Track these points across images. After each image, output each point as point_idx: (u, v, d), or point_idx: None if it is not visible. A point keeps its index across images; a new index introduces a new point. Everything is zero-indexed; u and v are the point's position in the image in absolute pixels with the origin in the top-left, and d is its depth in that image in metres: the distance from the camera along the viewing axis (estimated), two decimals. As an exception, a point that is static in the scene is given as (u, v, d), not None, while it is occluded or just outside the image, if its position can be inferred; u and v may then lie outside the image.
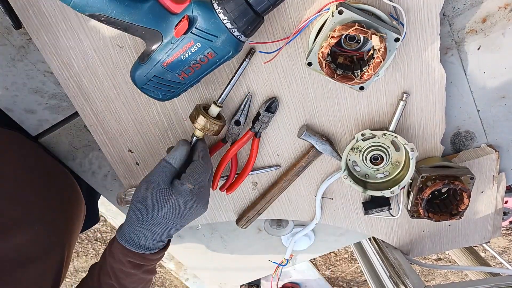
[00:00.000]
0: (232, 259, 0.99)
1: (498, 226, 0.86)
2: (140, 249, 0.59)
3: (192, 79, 0.56)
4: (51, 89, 0.69)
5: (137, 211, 0.58)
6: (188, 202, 0.58)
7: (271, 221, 0.89)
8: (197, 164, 0.59)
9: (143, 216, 0.58)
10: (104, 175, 0.80)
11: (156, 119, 0.69)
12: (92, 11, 0.48)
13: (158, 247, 0.62)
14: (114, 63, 0.63)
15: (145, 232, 0.58)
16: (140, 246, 0.59)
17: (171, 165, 0.59)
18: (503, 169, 0.78)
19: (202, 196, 0.60)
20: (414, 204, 0.72)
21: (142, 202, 0.58)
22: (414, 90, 0.66)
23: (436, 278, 2.57)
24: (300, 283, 2.37)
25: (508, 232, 2.24)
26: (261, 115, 0.67)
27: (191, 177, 0.58)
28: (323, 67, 0.57)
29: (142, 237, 0.59)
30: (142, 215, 0.58)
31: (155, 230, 0.59)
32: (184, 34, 0.50)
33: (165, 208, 0.57)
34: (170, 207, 0.58)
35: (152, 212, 0.58)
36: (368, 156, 0.70)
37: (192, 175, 0.58)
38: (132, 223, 0.59)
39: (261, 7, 0.50)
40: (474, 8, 0.62)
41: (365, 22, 0.53)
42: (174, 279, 2.55)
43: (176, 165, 0.59)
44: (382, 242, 0.92)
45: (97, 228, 2.35)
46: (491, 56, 0.66)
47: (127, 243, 0.59)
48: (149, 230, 0.58)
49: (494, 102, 0.71)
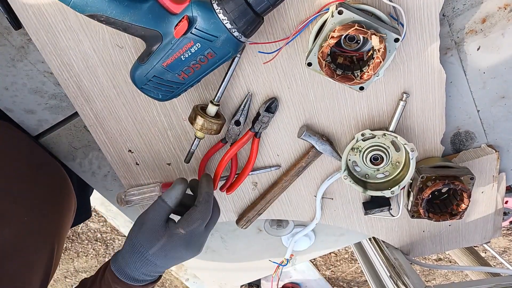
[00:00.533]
0: (232, 259, 0.99)
1: (498, 226, 0.86)
2: (129, 280, 0.61)
3: (192, 79, 0.56)
4: (51, 89, 0.69)
5: (130, 245, 0.60)
6: (177, 247, 0.59)
7: (271, 221, 0.89)
8: (195, 211, 0.59)
9: (134, 251, 0.59)
10: (104, 175, 0.80)
11: (156, 119, 0.69)
12: (92, 11, 0.48)
13: (147, 280, 0.63)
14: (114, 63, 0.63)
15: (135, 266, 0.60)
16: (130, 277, 0.61)
17: (166, 203, 0.59)
18: (503, 169, 0.78)
19: (193, 242, 0.61)
20: (414, 204, 0.72)
21: (135, 238, 0.60)
22: (414, 90, 0.66)
23: (436, 278, 2.57)
24: (300, 283, 2.37)
25: (509, 232, 2.24)
26: (261, 115, 0.67)
27: (185, 223, 0.59)
28: (323, 68, 0.57)
29: (132, 270, 0.60)
30: (133, 250, 0.60)
31: (144, 266, 0.60)
32: (184, 34, 0.50)
33: (155, 248, 0.59)
34: (159, 247, 0.59)
35: (143, 249, 0.59)
36: (368, 156, 0.70)
37: (187, 220, 0.59)
38: (125, 254, 0.60)
39: (260, 7, 0.50)
40: (473, 8, 0.62)
41: (365, 23, 0.53)
42: (174, 279, 2.55)
43: (171, 204, 0.60)
44: (382, 242, 0.92)
45: (97, 229, 2.35)
46: (491, 56, 0.66)
47: (118, 272, 0.61)
48: (139, 264, 0.60)
49: (494, 102, 0.71)
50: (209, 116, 0.63)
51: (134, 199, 0.74)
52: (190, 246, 0.61)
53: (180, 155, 0.73)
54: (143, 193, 0.74)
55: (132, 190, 0.75)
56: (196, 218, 0.59)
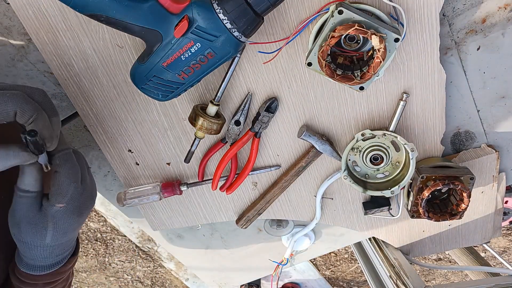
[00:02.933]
0: (232, 259, 0.99)
1: (498, 226, 0.86)
2: (45, 269, 0.54)
3: (192, 79, 0.56)
4: (51, 89, 0.69)
5: (23, 245, 0.52)
6: (68, 219, 0.51)
7: (271, 221, 0.89)
8: (60, 176, 0.49)
9: (31, 248, 0.52)
10: (104, 175, 0.80)
11: (156, 119, 0.69)
12: (92, 11, 0.48)
13: (66, 256, 0.56)
14: (114, 63, 0.63)
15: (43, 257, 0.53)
16: (43, 267, 0.54)
17: (28, 192, 0.49)
18: (503, 169, 0.78)
19: (81, 204, 0.52)
20: (414, 204, 0.72)
21: (21, 239, 0.51)
22: (414, 90, 0.66)
23: (436, 278, 2.57)
24: (300, 283, 2.37)
25: (508, 232, 2.24)
26: (261, 115, 0.67)
27: (58, 197, 0.49)
28: (323, 67, 0.57)
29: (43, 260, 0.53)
30: (30, 247, 0.52)
31: (52, 252, 0.53)
32: (184, 34, 0.50)
33: (48, 237, 0.51)
34: (52, 234, 0.51)
35: (39, 244, 0.51)
36: (368, 156, 0.70)
37: (58, 192, 0.49)
38: (24, 253, 0.53)
39: (260, 7, 0.50)
40: (474, 8, 0.62)
41: (365, 22, 0.53)
42: (174, 279, 2.55)
43: (34, 189, 0.49)
44: (382, 242, 0.92)
45: (97, 228, 2.35)
46: (491, 56, 0.66)
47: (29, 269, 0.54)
48: (47, 254, 0.53)
49: (494, 102, 0.71)
50: (209, 116, 0.63)
51: (134, 199, 0.74)
52: (81, 211, 0.52)
53: (180, 155, 0.73)
54: (143, 193, 0.74)
55: (132, 190, 0.75)
56: (66, 185, 0.49)
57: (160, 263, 2.43)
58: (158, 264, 2.44)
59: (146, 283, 2.58)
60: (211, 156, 0.72)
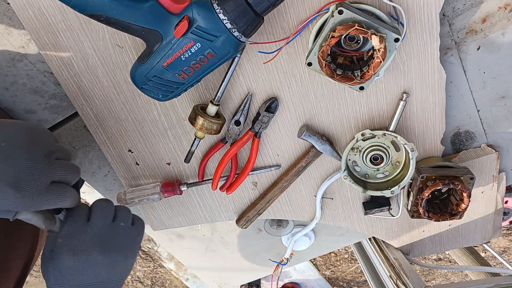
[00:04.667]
0: (232, 259, 0.99)
1: (498, 226, 0.86)
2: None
3: (192, 79, 0.56)
4: (51, 89, 0.69)
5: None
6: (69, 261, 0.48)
7: (271, 221, 0.89)
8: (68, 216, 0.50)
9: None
10: (104, 175, 0.80)
11: (156, 119, 0.69)
12: (92, 11, 0.48)
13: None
14: (114, 63, 0.63)
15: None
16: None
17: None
18: (503, 169, 0.78)
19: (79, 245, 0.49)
20: (414, 204, 0.72)
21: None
22: (414, 90, 0.66)
23: (436, 278, 2.57)
24: (300, 283, 2.37)
25: (508, 232, 2.24)
26: (261, 115, 0.67)
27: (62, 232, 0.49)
28: (323, 67, 0.57)
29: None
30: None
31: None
32: (184, 34, 0.50)
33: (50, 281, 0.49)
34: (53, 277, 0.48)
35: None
36: (368, 156, 0.70)
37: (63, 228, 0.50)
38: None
39: (261, 7, 0.50)
40: (474, 8, 0.62)
41: (365, 22, 0.53)
42: (174, 279, 2.55)
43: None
44: (382, 242, 0.92)
45: (97, 228, 2.35)
46: (491, 56, 0.66)
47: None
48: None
49: (494, 102, 0.71)
50: (209, 116, 0.63)
51: (134, 199, 0.74)
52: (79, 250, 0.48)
53: (180, 155, 0.73)
54: (143, 193, 0.74)
55: (132, 190, 0.75)
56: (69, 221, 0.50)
57: (160, 263, 2.43)
58: (158, 264, 2.44)
59: (146, 283, 2.58)
60: (211, 156, 0.72)
